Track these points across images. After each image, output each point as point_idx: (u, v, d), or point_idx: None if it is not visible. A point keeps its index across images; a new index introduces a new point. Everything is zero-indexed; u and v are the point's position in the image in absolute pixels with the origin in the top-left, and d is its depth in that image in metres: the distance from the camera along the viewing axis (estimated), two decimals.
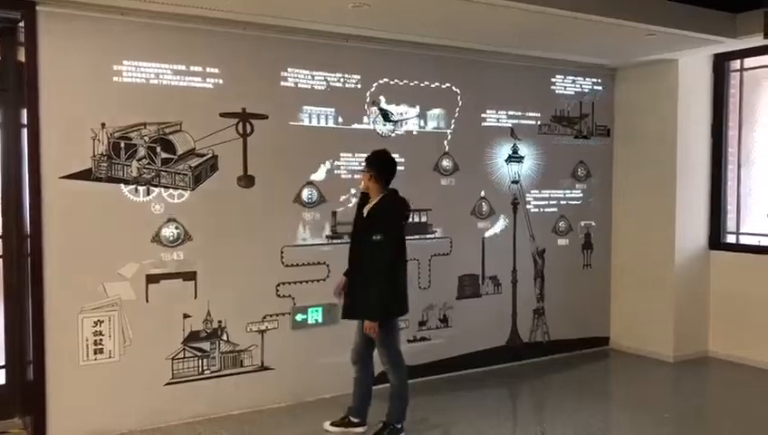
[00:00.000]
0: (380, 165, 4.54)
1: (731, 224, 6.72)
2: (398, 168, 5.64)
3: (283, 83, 5.21)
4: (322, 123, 5.38)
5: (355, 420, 4.70)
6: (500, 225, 6.32)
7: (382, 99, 5.64)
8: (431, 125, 5.90)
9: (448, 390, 5.03)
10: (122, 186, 4.66)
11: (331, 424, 4.77)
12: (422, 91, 5.83)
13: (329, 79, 5.39)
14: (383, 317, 4.39)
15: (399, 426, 4.54)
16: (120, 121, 4.62)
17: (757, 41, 5.60)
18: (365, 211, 4.56)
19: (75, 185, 4.49)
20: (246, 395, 5.12)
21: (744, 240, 6.64)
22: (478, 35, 5.55)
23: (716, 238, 6.72)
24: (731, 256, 6.60)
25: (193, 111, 4.87)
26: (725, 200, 6.71)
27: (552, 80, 6.61)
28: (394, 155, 5.36)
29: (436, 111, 5.92)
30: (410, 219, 4.88)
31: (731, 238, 6.72)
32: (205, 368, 4.97)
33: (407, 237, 4.63)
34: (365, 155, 5.50)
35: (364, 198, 4.64)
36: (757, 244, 6.48)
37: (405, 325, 5.75)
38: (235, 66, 5.00)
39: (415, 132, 5.82)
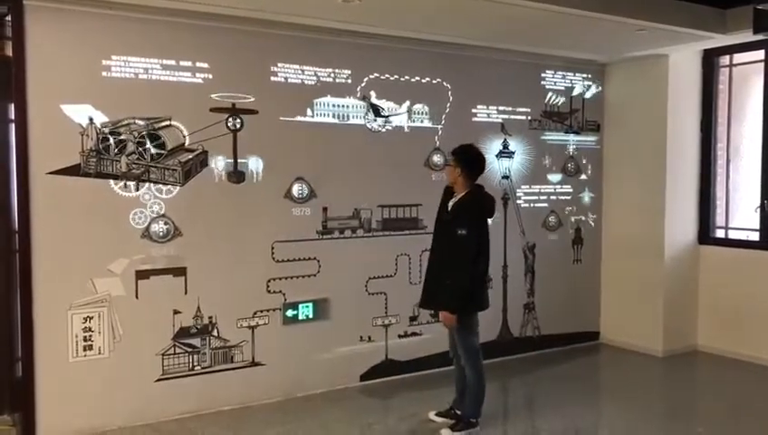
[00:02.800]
0: (470, 160, 4.52)
1: (720, 219, 6.76)
2: (389, 163, 5.69)
3: (273, 78, 5.19)
4: (313, 118, 5.36)
5: (459, 412, 4.73)
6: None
7: (373, 94, 5.63)
8: (422, 120, 5.89)
9: (439, 385, 5.04)
10: (111, 181, 4.63)
11: (437, 414, 4.81)
12: (413, 87, 5.83)
13: (319, 74, 5.37)
14: (462, 310, 4.43)
15: (474, 421, 4.58)
16: (108, 117, 4.60)
17: (747, 36, 5.62)
18: (450, 205, 4.58)
19: (64, 180, 4.46)
20: (237, 391, 5.11)
21: (733, 235, 6.67)
22: (468, 31, 5.55)
23: (705, 233, 6.75)
24: (720, 250, 6.64)
25: (182, 107, 4.84)
26: (714, 195, 6.75)
27: (543, 75, 6.62)
28: (384, 150, 5.38)
29: (427, 106, 5.91)
30: (494, 217, 4.88)
31: (720, 233, 6.76)
32: (195, 364, 4.96)
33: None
34: (356, 150, 5.55)
35: (447, 191, 4.67)
36: (746, 238, 6.52)
37: (396, 320, 5.78)
38: (225, 61, 4.98)
39: (406, 128, 5.82)
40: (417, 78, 5.85)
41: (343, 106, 5.45)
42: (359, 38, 5.47)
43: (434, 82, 5.94)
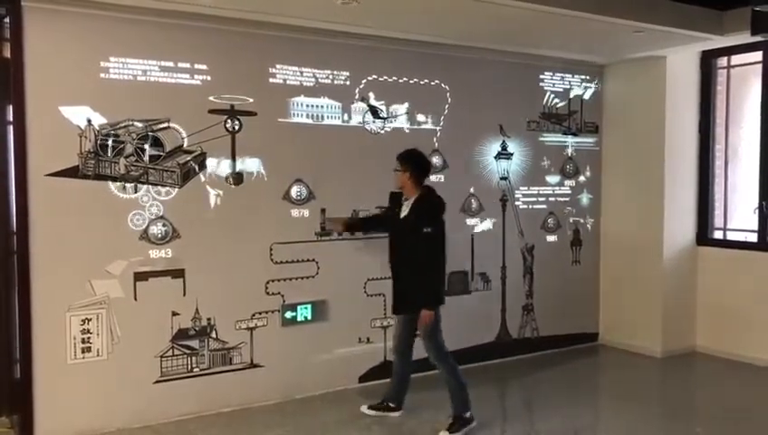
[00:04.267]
0: (417, 163, 4.66)
1: (718, 220, 6.76)
2: (389, 164, 5.68)
3: (271, 80, 5.19)
4: (311, 120, 5.36)
5: (392, 405, 4.91)
6: (486, 225, 6.33)
7: (371, 95, 5.63)
8: (420, 122, 5.89)
9: (438, 386, 5.02)
10: (110, 183, 4.63)
11: (369, 407, 4.94)
12: (411, 88, 5.83)
13: (317, 75, 5.37)
14: (435, 306, 4.57)
15: (467, 415, 4.65)
16: (107, 118, 4.59)
17: (744, 38, 5.63)
18: (405, 208, 4.68)
19: (62, 182, 4.46)
20: (236, 393, 5.10)
21: (732, 236, 6.68)
22: (466, 32, 5.55)
23: (704, 234, 6.75)
24: (718, 251, 6.64)
25: (181, 108, 4.84)
26: (713, 196, 6.75)
27: (541, 76, 6.62)
28: (382, 151, 5.38)
29: (426, 107, 5.91)
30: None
31: (718, 234, 6.76)
32: (194, 366, 4.96)
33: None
34: (354, 152, 5.55)
35: (394, 197, 4.79)
36: (744, 240, 6.52)
37: (394, 322, 5.77)
38: (224, 63, 4.98)
39: (406, 129, 5.82)
40: (416, 79, 5.85)
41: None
42: (357, 40, 5.48)
43: (432, 83, 5.94)
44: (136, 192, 4.71)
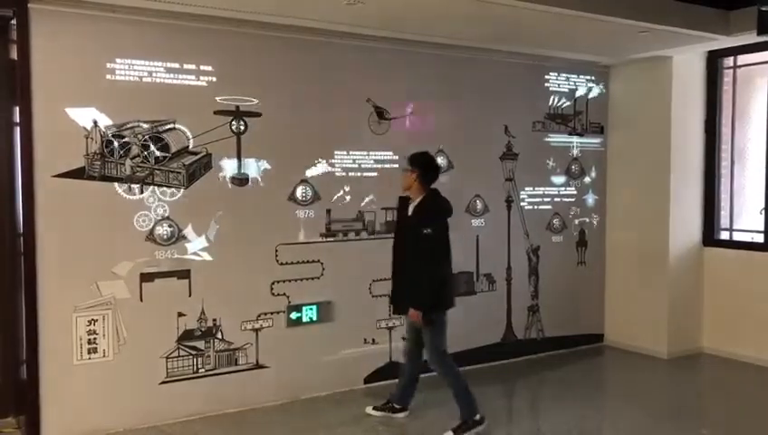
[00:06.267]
0: (425, 165, 4.69)
1: (724, 221, 6.74)
2: (393, 165, 5.69)
3: (276, 81, 5.19)
4: (315, 121, 5.36)
5: (397, 406, 4.93)
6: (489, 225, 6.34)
7: (377, 96, 5.63)
8: (424, 123, 5.89)
9: (444, 387, 5.01)
10: (116, 184, 4.64)
11: (374, 408, 4.96)
12: (416, 89, 5.82)
13: (322, 76, 5.37)
14: (430, 308, 4.57)
15: (477, 418, 4.65)
16: (113, 120, 4.61)
17: (751, 38, 5.60)
18: (410, 210, 4.72)
19: (68, 184, 4.47)
20: (241, 393, 5.11)
21: (738, 237, 6.66)
22: (472, 32, 5.54)
23: (710, 235, 6.73)
24: (724, 252, 6.62)
25: (186, 109, 4.85)
26: (719, 197, 6.73)
27: (547, 77, 6.61)
28: (387, 153, 5.39)
29: (430, 108, 5.91)
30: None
31: (724, 235, 6.74)
32: (199, 366, 4.96)
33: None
34: (359, 153, 5.56)
35: (403, 200, 4.83)
36: (750, 240, 6.50)
37: (400, 322, 5.77)
38: (229, 64, 4.99)
39: (409, 130, 5.81)
40: (421, 80, 5.85)
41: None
42: (362, 41, 5.48)
43: (437, 83, 5.94)
44: (142, 193, 4.72)
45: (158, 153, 4.76)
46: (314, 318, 5.39)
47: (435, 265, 4.57)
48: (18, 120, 4.44)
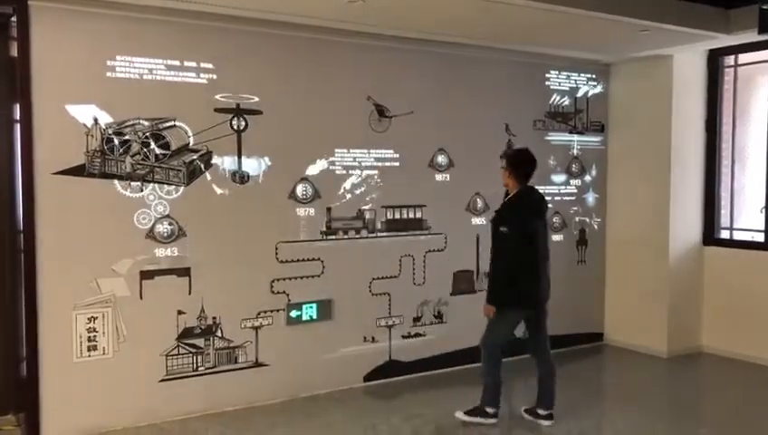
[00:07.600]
0: (515, 163, 4.78)
1: (725, 219, 6.74)
2: (393, 163, 5.69)
3: (277, 78, 5.18)
4: (316, 119, 5.36)
5: (490, 411, 4.84)
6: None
7: (377, 94, 5.63)
8: (425, 121, 5.88)
9: (443, 385, 5.03)
10: (116, 181, 4.64)
11: (465, 413, 4.87)
12: (417, 87, 5.82)
13: (323, 74, 5.37)
14: (498, 303, 4.65)
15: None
16: (113, 117, 4.60)
17: (751, 36, 5.60)
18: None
19: (68, 181, 4.47)
20: (241, 392, 5.11)
21: (738, 236, 6.66)
22: (472, 31, 5.54)
23: (710, 234, 6.73)
24: (725, 251, 6.62)
25: (187, 107, 4.85)
26: (719, 196, 6.73)
27: (547, 75, 6.61)
28: (388, 151, 5.38)
29: (431, 106, 5.91)
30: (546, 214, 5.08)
31: (725, 234, 6.74)
32: (199, 364, 4.96)
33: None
34: (360, 151, 5.55)
35: (507, 193, 4.93)
36: (751, 239, 6.50)
37: (399, 321, 5.77)
38: (230, 61, 4.98)
39: (410, 128, 5.81)
40: (422, 78, 5.84)
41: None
42: (362, 39, 5.47)
43: (437, 82, 5.93)
44: (142, 191, 4.72)
45: (158, 151, 4.75)
46: (314, 316, 5.39)
47: (505, 264, 4.63)
48: (18, 118, 4.43)
